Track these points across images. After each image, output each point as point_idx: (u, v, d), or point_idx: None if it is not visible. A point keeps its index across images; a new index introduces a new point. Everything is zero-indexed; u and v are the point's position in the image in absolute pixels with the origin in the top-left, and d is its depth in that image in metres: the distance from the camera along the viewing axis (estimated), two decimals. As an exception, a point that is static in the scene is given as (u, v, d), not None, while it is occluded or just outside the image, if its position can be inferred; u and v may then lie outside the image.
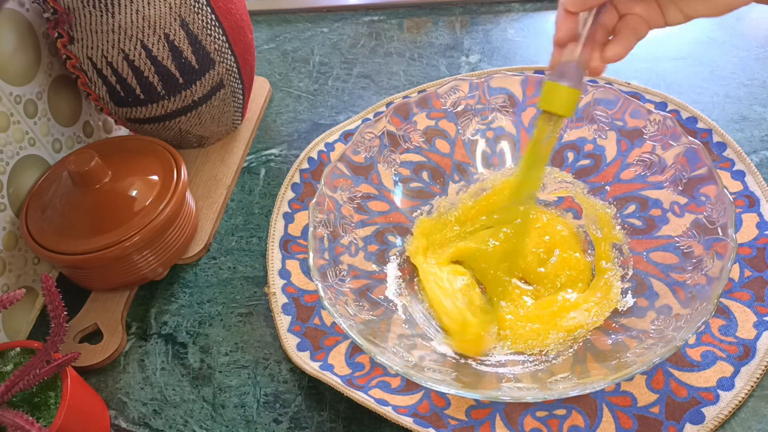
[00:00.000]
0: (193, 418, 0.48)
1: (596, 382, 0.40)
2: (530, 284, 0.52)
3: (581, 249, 0.54)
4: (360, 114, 0.67)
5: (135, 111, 0.58)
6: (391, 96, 0.69)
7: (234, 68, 0.60)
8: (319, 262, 0.48)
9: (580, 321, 0.48)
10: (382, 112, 0.67)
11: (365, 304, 0.49)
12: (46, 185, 0.54)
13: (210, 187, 0.63)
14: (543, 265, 0.52)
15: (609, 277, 0.51)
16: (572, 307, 0.49)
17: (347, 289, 0.49)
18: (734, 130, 0.60)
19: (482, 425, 0.45)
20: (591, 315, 0.48)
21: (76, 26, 0.52)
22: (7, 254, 0.53)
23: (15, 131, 0.53)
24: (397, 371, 0.41)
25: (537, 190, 0.55)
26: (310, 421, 0.47)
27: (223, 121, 0.64)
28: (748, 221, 0.53)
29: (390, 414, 0.45)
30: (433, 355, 0.47)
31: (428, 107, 0.58)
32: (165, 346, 0.53)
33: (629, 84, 0.64)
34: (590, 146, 0.60)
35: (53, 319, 0.42)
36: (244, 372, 0.50)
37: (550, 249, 0.53)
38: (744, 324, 0.47)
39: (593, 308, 0.49)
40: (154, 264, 0.54)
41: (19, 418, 0.38)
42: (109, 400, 0.50)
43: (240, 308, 0.54)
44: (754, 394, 0.45)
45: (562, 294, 0.50)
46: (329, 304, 0.45)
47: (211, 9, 0.55)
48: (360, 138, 0.55)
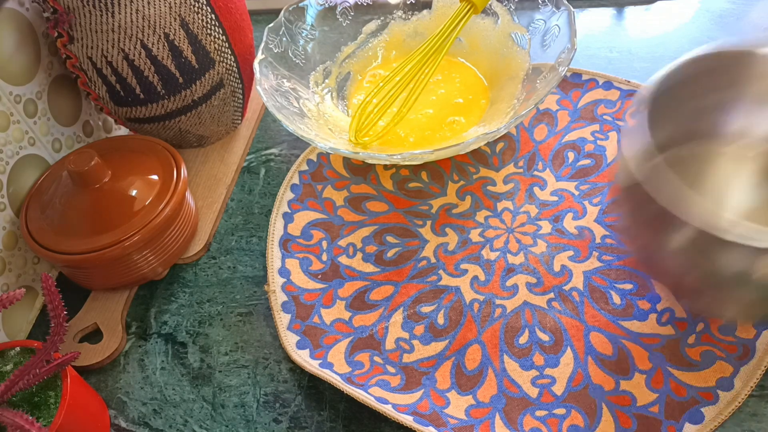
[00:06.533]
0: (193, 417, 0.48)
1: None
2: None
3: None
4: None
5: (135, 111, 0.58)
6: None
7: (234, 68, 0.60)
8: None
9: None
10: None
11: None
12: (45, 185, 0.54)
13: (210, 187, 0.63)
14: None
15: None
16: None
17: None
18: (734, 130, 0.60)
19: (482, 424, 0.45)
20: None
21: (76, 26, 0.52)
22: (7, 254, 0.53)
23: (15, 131, 0.53)
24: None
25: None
26: (310, 421, 0.47)
27: (223, 121, 0.64)
28: (748, 221, 0.53)
29: (390, 412, 0.45)
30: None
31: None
32: (165, 346, 0.53)
33: (629, 82, 0.64)
34: (590, 146, 0.61)
35: (53, 319, 0.42)
36: (243, 372, 0.50)
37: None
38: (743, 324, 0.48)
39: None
40: (154, 264, 0.54)
41: (19, 417, 0.38)
42: (109, 399, 0.50)
43: (240, 308, 0.54)
44: (753, 394, 0.45)
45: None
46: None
47: (211, 9, 0.55)
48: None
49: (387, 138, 0.61)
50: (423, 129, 0.62)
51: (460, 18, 0.58)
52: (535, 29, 0.62)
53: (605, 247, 0.53)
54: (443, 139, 0.61)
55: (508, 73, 0.63)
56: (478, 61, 0.67)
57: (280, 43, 0.63)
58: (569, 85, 0.66)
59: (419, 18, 0.69)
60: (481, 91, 0.65)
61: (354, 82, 0.68)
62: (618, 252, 0.53)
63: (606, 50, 0.70)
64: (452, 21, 0.58)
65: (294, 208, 0.60)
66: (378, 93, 0.59)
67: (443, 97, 0.64)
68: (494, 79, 0.65)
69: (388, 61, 0.69)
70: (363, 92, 0.66)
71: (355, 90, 0.67)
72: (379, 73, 0.68)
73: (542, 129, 0.63)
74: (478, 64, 0.67)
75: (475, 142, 0.53)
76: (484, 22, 0.66)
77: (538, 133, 0.62)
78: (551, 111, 0.64)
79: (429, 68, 0.58)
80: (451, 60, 0.67)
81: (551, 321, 0.50)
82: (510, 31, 0.64)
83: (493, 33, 0.65)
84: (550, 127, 0.63)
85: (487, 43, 0.66)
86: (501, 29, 0.65)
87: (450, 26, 0.58)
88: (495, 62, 0.65)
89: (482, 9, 0.59)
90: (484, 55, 0.66)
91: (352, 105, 0.66)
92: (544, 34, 0.61)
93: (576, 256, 0.53)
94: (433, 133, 0.61)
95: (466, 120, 0.62)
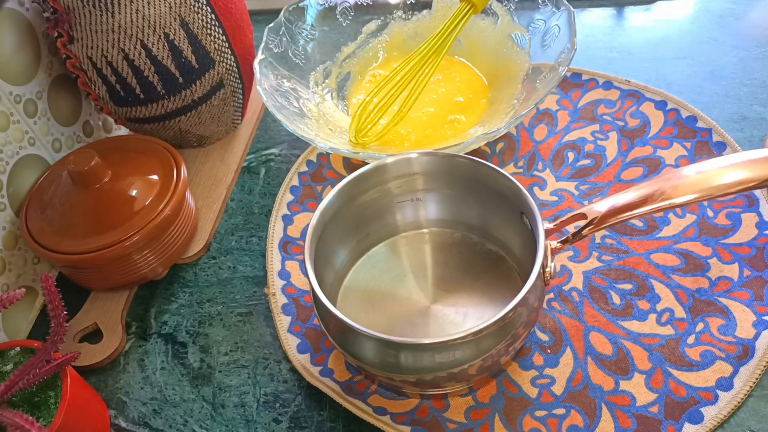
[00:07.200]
0: (193, 417, 0.48)
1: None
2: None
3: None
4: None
5: (135, 110, 0.58)
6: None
7: (234, 68, 0.60)
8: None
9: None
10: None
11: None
12: (46, 185, 0.54)
13: (210, 187, 0.63)
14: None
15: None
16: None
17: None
18: (734, 130, 0.60)
19: (481, 426, 0.45)
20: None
21: (76, 26, 0.52)
22: (7, 254, 0.53)
23: (15, 131, 0.53)
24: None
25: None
26: (310, 421, 0.47)
27: (223, 121, 0.64)
28: (748, 221, 0.53)
29: (388, 425, 0.45)
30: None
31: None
32: (165, 346, 0.53)
33: (629, 82, 0.64)
34: (590, 146, 0.61)
35: (53, 319, 0.42)
36: (243, 372, 0.50)
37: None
38: (743, 324, 0.48)
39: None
40: (153, 264, 0.54)
41: (19, 417, 0.38)
42: (109, 399, 0.50)
43: (240, 308, 0.54)
44: (753, 394, 0.45)
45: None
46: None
47: (211, 9, 0.55)
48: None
49: (388, 136, 0.61)
50: (424, 127, 0.62)
51: (460, 18, 0.58)
52: (535, 29, 0.62)
53: (605, 247, 0.53)
54: (444, 137, 0.61)
55: (508, 73, 0.63)
56: (478, 61, 0.67)
57: (280, 43, 0.63)
58: (569, 85, 0.66)
59: (419, 18, 0.69)
60: (482, 90, 0.65)
61: (354, 82, 0.68)
62: (618, 252, 0.53)
63: (606, 50, 0.70)
64: (452, 21, 0.58)
65: (293, 210, 0.60)
66: (379, 92, 0.59)
67: (444, 96, 0.65)
68: (494, 79, 0.65)
69: (388, 61, 0.69)
70: (363, 92, 0.66)
71: (355, 90, 0.67)
72: (379, 73, 0.68)
73: (542, 129, 0.63)
74: (478, 64, 0.67)
75: (475, 142, 0.53)
76: (484, 22, 0.66)
77: (538, 133, 0.62)
78: (551, 111, 0.64)
79: (429, 68, 0.58)
80: (451, 59, 0.67)
81: (551, 321, 0.50)
82: (510, 32, 0.64)
83: (492, 33, 0.65)
84: (550, 127, 0.63)
85: (486, 43, 0.66)
86: (501, 29, 0.65)
87: (450, 26, 0.58)
88: (495, 62, 0.65)
89: (482, 9, 0.59)
90: (484, 56, 0.66)
91: (352, 105, 0.66)
92: (544, 34, 0.61)
93: (576, 256, 0.53)
94: (434, 131, 0.61)
95: (467, 119, 0.62)
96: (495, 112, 0.61)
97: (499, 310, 0.38)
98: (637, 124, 0.61)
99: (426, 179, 0.50)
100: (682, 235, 0.53)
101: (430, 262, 0.52)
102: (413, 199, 0.52)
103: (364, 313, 0.50)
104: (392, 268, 0.52)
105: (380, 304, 0.50)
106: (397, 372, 0.41)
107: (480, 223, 0.52)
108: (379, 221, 0.53)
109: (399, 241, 0.54)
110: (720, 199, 0.51)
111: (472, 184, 0.49)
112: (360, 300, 0.51)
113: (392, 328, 0.48)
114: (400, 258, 0.53)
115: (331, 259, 0.50)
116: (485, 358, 0.40)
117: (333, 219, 0.48)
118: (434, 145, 0.60)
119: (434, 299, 0.49)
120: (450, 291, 0.49)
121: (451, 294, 0.49)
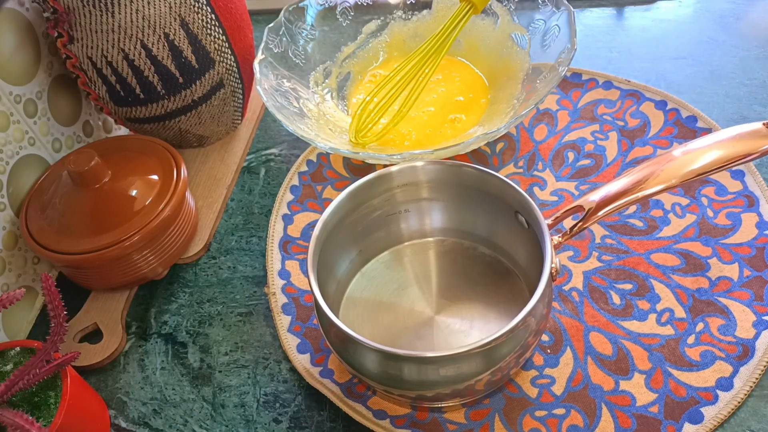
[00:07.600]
0: (193, 417, 0.48)
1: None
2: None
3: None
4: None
5: (135, 110, 0.58)
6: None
7: (234, 68, 0.60)
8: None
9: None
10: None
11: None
12: (45, 185, 0.54)
13: (210, 187, 0.63)
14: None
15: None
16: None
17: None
18: (734, 130, 0.60)
19: (481, 426, 0.45)
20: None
21: (76, 26, 0.52)
22: (7, 254, 0.53)
23: (15, 131, 0.53)
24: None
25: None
26: (310, 421, 0.47)
27: (223, 121, 0.64)
28: (748, 221, 0.53)
29: (388, 431, 0.45)
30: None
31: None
32: (165, 346, 0.53)
33: (629, 82, 0.64)
34: (590, 146, 0.61)
35: (53, 319, 0.42)
36: (243, 372, 0.50)
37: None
38: (743, 324, 0.48)
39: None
40: (153, 264, 0.54)
41: (19, 417, 0.38)
42: (109, 399, 0.50)
43: (240, 308, 0.54)
44: (753, 394, 0.45)
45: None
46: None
47: (211, 9, 0.55)
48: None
49: (388, 136, 0.61)
50: (424, 127, 0.62)
51: (460, 18, 0.58)
52: (535, 29, 0.62)
53: (605, 247, 0.53)
54: (444, 137, 0.61)
55: (508, 73, 0.63)
56: (478, 61, 0.67)
57: (280, 43, 0.63)
58: (569, 85, 0.66)
59: (419, 18, 0.69)
60: (482, 90, 0.65)
61: (354, 82, 0.68)
62: (618, 252, 0.53)
63: (606, 50, 0.70)
64: (452, 21, 0.58)
65: (294, 210, 0.60)
66: (379, 92, 0.59)
67: (444, 96, 0.65)
68: (494, 79, 0.65)
69: (388, 62, 0.69)
70: (363, 92, 0.66)
71: (355, 90, 0.67)
72: (379, 73, 0.68)
73: (542, 129, 0.63)
74: (478, 64, 0.67)
75: (475, 142, 0.53)
76: (483, 22, 0.66)
77: (538, 133, 0.62)
78: (551, 111, 0.64)
79: (429, 68, 0.58)
80: (451, 59, 0.67)
81: (551, 321, 0.50)
82: (510, 32, 0.64)
83: (492, 33, 0.65)
84: (550, 127, 0.63)
85: (486, 43, 0.66)
86: (501, 29, 0.65)
87: (450, 26, 0.58)
88: (495, 62, 0.65)
89: (482, 9, 0.59)
90: (484, 56, 0.66)
91: (352, 105, 0.66)
92: (544, 34, 0.60)
93: (576, 256, 0.53)
94: (435, 131, 0.61)
95: (467, 118, 0.62)
96: (495, 112, 0.61)
97: (505, 320, 0.37)
98: (637, 124, 0.61)
99: (431, 188, 0.50)
100: (682, 235, 0.53)
101: (434, 271, 0.52)
102: (417, 208, 0.52)
103: (366, 323, 0.49)
104: (396, 277, 0.52)
105: (383, 314, 0.49)
106: (398, 387, 0.40)
107: (484, 232, 0.51)
108: (383, 230, 0.52)
109: (402, 250, 0.53)
110: (712, 176, 0.51)
111: (476, 192, 0.48)
112: (362, 310, 0.50)
113: (395, 340, 0.48)
114: (404, 267, 0.52)
115: (334, 268, 0.50)
116: (494, 371, 0.40)
117: (336, 228, 0.47)
118: (434, 144, 0.60)
119: (438, 309, 0.49)
120: (454, 300, 0.49)
121: (455, 303, 0.49)
